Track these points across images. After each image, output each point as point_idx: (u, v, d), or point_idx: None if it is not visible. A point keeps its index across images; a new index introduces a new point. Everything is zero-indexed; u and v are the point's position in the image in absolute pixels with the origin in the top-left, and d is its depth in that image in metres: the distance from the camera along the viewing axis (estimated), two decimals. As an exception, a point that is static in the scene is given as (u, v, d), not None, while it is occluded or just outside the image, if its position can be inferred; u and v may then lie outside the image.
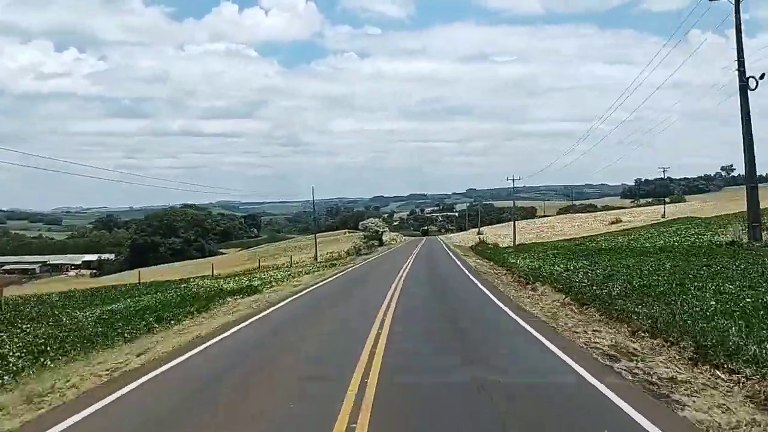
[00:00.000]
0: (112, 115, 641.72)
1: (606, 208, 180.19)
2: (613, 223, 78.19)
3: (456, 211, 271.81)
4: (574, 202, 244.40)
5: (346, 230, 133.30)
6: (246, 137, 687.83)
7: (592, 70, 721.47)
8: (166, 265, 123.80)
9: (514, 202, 68.99)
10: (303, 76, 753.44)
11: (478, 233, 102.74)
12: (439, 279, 26.93)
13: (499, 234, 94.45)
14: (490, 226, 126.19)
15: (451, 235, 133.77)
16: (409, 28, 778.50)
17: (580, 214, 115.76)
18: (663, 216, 77.05)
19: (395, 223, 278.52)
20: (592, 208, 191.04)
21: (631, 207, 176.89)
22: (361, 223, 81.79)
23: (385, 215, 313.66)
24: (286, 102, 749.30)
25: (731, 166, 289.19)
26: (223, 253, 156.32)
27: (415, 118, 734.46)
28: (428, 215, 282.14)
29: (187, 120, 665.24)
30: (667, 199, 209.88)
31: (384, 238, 79.60)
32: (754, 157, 27.72)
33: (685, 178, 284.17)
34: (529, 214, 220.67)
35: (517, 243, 67.58)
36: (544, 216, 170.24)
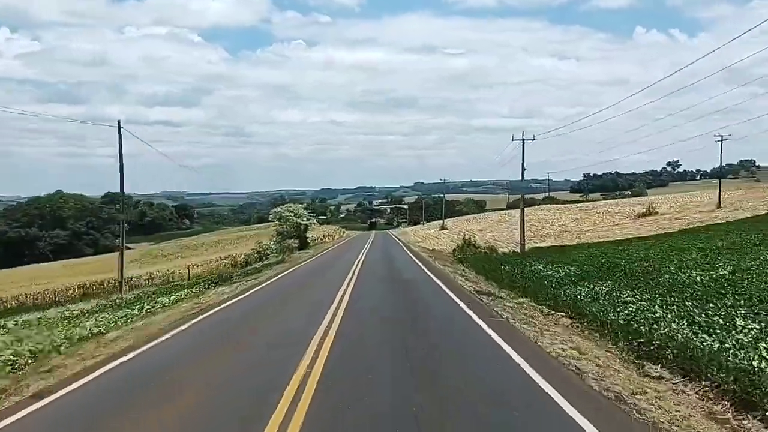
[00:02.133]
0: (46, 99, 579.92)
1: (556, 201, 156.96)
2: (643, 215, 50.63)
3: (405, 203, 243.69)
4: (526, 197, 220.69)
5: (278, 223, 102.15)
6: (189, 126, 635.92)
7: (543, 64, 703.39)
8: (39, 264, 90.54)
9: (522, 174, 39.53)
10: (249, 64, 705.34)
11: (443, 227, 74.22)
12: None
13: (472, 229, 65.80)
14: (451, 219, 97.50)
15: (406, 229, 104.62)
16: (359, 16, 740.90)
17: (577, 204, 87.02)
18: (719, 205, 49.93)
19: (342, 215, 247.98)
20: (551, 201, 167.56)
21: (582, 201, 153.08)
22: (272, 211, 49.88)
23: (332, 207, 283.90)
24: (230, 90, 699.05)
25: (677, 161, 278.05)
26: (129, 248, 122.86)
27: (364, 109, 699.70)
28: (376, 207, 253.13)
29: (126, 106, 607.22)
30: (627, 193, 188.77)
31: (310, 234, 49.29)
32: None
33: (633, 173, 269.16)
34: (480, 207, 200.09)
35: (524, 245, 38.96)
36: (498, 209, 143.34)
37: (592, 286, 15.57)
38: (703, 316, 10.71)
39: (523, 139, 38.20)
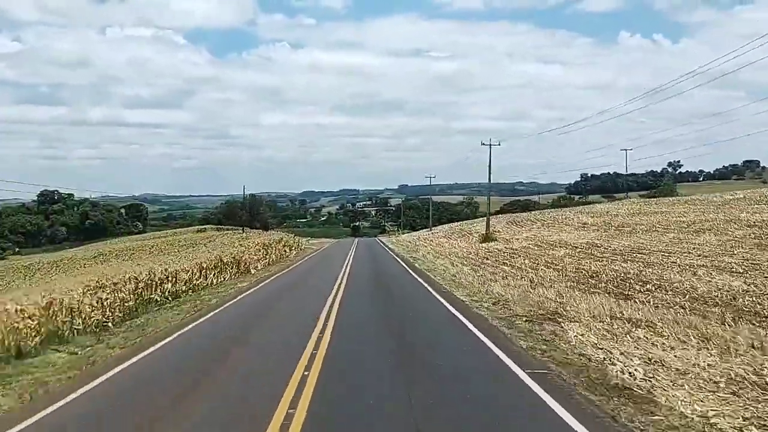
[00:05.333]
0: (26, 101, 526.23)
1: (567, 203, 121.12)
2: None
3: (392, 206, 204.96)
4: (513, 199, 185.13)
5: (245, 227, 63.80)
6: (172, 128, 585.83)
7: (528, 69, 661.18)
8: None
9: None
10: (233, 66, 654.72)
11: (487, 238, 35.24)
12: None
13: (559, 241, 27.44)
14: (478, 221, 58.12)
15: (405, 237, 65.56)
16: (345, 19, 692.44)
17: (707, 195, 45.44)
18: None
19: (323, 218, 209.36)
20: (568, 202, 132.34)
21: (581, 204, 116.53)
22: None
23: (313, 209, 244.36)
24: (215, 93, 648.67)
25: (678, 162, 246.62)
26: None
27: (348, 112, 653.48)
28: (360, 209, 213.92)
29: (109, 109, 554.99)
30: (655, 191, 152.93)
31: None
32: None
33: (632, 174, 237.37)
34: (474, 210, 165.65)
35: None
36: (501, 212, 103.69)
37: None
38: None
39: None
